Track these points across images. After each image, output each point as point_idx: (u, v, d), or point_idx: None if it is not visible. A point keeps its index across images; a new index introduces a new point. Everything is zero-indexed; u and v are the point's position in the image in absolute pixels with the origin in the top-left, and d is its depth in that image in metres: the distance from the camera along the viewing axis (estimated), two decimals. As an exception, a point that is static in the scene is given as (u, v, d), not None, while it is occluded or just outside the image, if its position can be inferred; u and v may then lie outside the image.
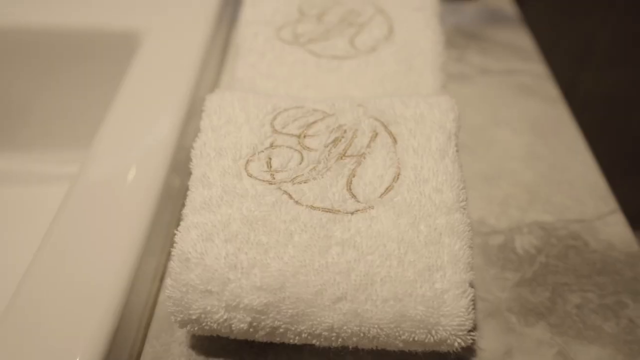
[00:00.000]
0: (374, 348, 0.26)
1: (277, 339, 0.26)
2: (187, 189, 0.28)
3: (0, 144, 0.47)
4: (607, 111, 0.74)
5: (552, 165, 0.38)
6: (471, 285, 0.25)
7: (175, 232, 0.26)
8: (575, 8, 0.63)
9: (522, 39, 0.50)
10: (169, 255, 0.32)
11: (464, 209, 0.26)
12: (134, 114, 0.36)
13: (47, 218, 0.33)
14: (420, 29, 0.38)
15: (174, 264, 0.25)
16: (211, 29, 0.44)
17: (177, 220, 0.34)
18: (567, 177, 0.37)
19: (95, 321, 0.25)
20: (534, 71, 0.46)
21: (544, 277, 0.31)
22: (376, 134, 0.29)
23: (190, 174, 0.28)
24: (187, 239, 0.25)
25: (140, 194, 0.31)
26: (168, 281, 0.25)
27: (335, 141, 0.29)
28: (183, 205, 0.28)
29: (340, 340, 0.25)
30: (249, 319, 0.24)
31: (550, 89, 0.44)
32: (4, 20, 0.43)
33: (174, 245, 0.25)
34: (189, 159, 0.29)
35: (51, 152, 0.46)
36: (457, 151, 0.29)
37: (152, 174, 0.32)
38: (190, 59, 0.40)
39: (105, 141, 0.34)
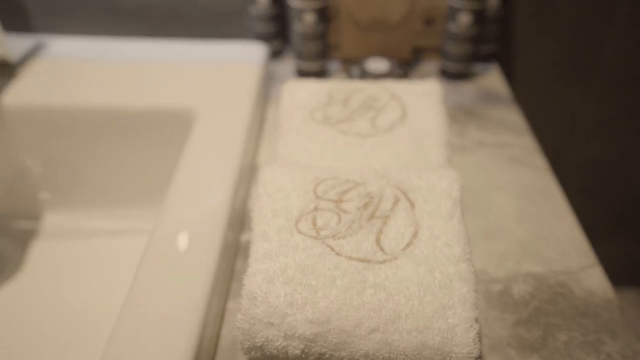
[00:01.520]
0: (400, 372, 0.32)
1: (323, 364, 0.32)
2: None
3: (85, 204, 0.55)
4: (591, 177, 0.82)
5: (541, 225, 0.45)
6: (476, 321, 0.32)
7: (244, 276, 0.33)
8: (559, 86, 0.73)
9: (514, 116, 0.58)
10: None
11: (469, 260, 0.33)
12: (194, 179, 0.44)
13: (126, 265, 0.40)
14: (427, 113, 0.46)
15: (243, 301, 0.32)
16: (252, 107, 0.53)
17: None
18: (554, 235, 0.44)
19: (179, 353, 0.31)
20: (524, 144, 0.54)
21: (537, 318, 0.38)
22: (397, 200, 0.36)
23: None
24: (253, 282, 0.32)
25: (205, 246, 0.38)
26: (238, 315, 0.32)
27: (365, 205, 0.36)
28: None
29: (373, 365, 0.31)
30: (301, 346, 0.31)
31: (538, 160, 0.52)
32: (89, 102, 0.52)
33: (243, 286, 0.32)
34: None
35: (126, 210, 0.54)
36: (462, 213, 0.36)
37: (214, 230, 0.39)
38: (237, 133, 0.49)
39: (173, 202, 0.41)
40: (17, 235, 0.55)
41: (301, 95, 0.48)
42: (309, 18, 0.58)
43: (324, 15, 0.59)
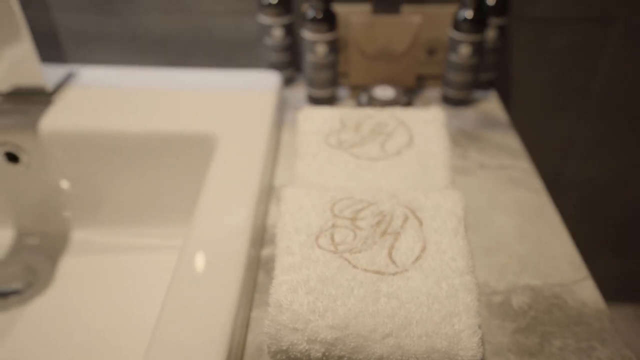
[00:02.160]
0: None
1: (341, 366, 0.35)
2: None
3: (113, 222, 0.58)
4: (586, 196, 0.86)
5: (538, 242, 0.49)
6: (480, 328, 0.35)
7: (270, 287, 0.36)
8: (554, 111, 0.77)
9: (512, 140, 0.63)
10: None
11: (473, 272, 0.37)
12: (219, 199, 0.47)
13: (151, 279, 0.44)
14: (432, 138, 0.50)
15: (270, 309, 0.35)
16: (269, 131, 0.57)
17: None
18: (550, 251, 0.48)
19: (212, 359, 0.35)
20: (522, 167, 0.58)
21: (535, 326, 0.41)
22: (407, 218, 0.40)
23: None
24: (280, 291, 0.36)
25: (232, 261, 0.41)
26: (266, 322, 0.35)
27: (378, 223, 0.40)
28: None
29: (387, 367, 0.35)
30: (323, 350, 0.34)
31: (534, 181, 0.56)
32: (118, 127, 0.56)
33: (270, 295, 0.36)
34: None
35: (152, 228, 0.58)
36: (465, 230, 0.40)
37: (238, 245, 0.43)
38: (256, 156, 0.53)
39: (201, 220, 0.45)
40: (48, 251, 0.59)
41: (316, 121, 0.52)
42: (321, 49, 0.63)
43: (335, 46, 0.63)
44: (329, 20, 0.61)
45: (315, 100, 0.68)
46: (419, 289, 0.36)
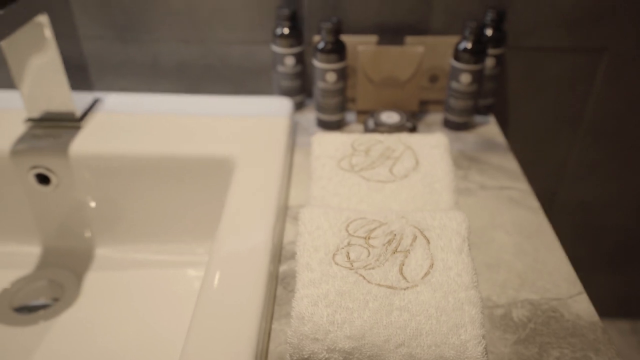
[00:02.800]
0: (421, 381, 0.39)
1: (357, 374, 0.39)
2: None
3: (135, 239, 0.62)
4: (579, 217, 0.90)
5: (536, 259, 0.52)
6: (484, 338, 0.39)
7: (292, 300, 0.40)
8: (549, 135, 0.82)
9: (510, 163, 0.67)
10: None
11: (477, 287, 0.41)
12: (239, 218, 0.51)
13: (173, 292, 0.47)
14: (437, 162, 0.54)
15: (293, 321, 0.39)
16: (284, 153, 0.61)
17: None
18: (547, 267, 0.51)
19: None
20: (520, 188, 0.62)
21: (534, 337, 0.44)
22: (415, 237, 0.44)
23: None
24: (301, 304, 0.39)
25: (254, 276, 0.45)
26: (289, 332, 0.39)
27: (389, 241, 0.44)
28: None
29: (400, 374, 0.38)
30: (341, 358, 0.38)
31: (532, 202, 0.60)
32: (141, 150, 0.60)
33: (292, 308, 0.39)
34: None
35: (173, 245, 0.61)
36: (469, 248, 0.44)
37: (260, 262, 0.46)
38: (273, 177, 0.56)
39: (224, 238, 0.49)
40: (73, 267, 0.62)
41: (329, 146, 0.56)
42: (331, 77, 0.67)
43: (343, 74, 0.68)
44: (338, 50, 0.66)
45: (324, 124, 0.72)
46: (428, 302, 0.39)
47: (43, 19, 0.55)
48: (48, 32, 0.55)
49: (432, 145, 0.56)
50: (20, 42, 0.56)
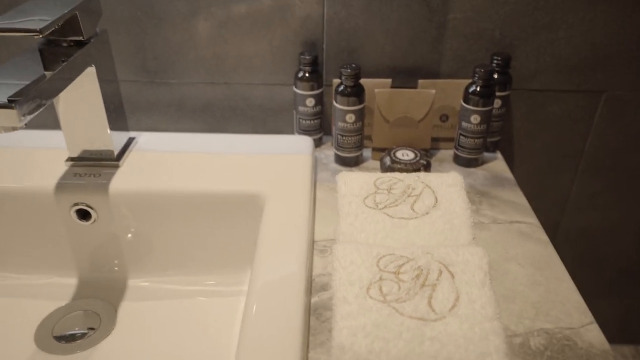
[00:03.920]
0: (452, 406, 0.42)
1: (393, 400, 0.42)
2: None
3: (169, 271, 0.65)
4: (581, 245, 0.95)
5: (548, 289, 0.56)
6: (508, 365, 0.42)
7: (333, 331, 0.44)
8: (552, 170, 0.87)
9: (518, 197, 0.71)
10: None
11: (499, 318, 0.45)
12: (273, 253, 0.55)
13: (213, 321, 0.51)
14: (455, 199, 0.59)
15: (334, 350, 0.42)
16: (309, 189, 0.65)
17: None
18: (558, 298, 0.55)
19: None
20: (529, 222, 0.66)
21: (550, 364, 0.48)
22: (441, 272, 0.48)
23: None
24: (341, 335, 0.43)
25: (292, 307, 0.48)
26: (331, 361, 0.42)
27: (417, 276, 0.48)
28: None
29: (432, 399, 0.42)
30: (379, 385, 0.41)
31: (541, 235, 0.64)
32: (176, 187, 0.64)
33: (332, 339, 0.43)
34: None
35: (207, 276, 0.65)
36: (490, 282, 0.48)
37: (296, 293, 0.50)
38: (301, 211, 0.60)
39: (260, 272, 0.52)
40: (108, 298, 0.66)
41: (354, 185, 0.60)
42: (350, 117, 0.72)
43: (362, 115, 0.73)
44: (357, 93, 0.71)
45: (342, 160, 0.76)
46: (456, 333, 0.43)
47: (91, 70, 0.59)
48: (95, 81, 0.60)
49: (448, 184, 0.61)
50: (69, 89, 0.61)
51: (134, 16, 0.73)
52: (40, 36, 0.50)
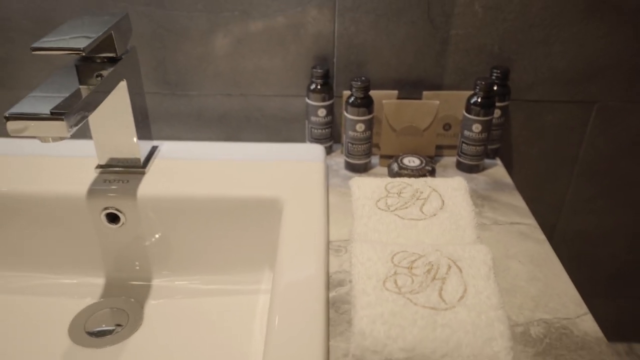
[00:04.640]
0: (462, 386, 0.47)
1: (409, 381, 0.47)
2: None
3: (198, 271, 0.70)
4: (577, 247, 1.00)
5: (546, 284, 0.61)
6: (512, 349, 0.47)
7: (353, 320, 0.48)
8: (549, 175, 0.92)
9: (518, 201, 0.76)
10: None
11: (503, 308, 0.49)
12: (294, 253, 0.59)
13: (235, 317, 0.55)
14: (460, 202, 0.64)
15: (355, 337, 0.47)
16: (324, 194, 0.70)
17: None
18: (556, 292, 0.60)
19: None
20: (528, 223, 0.71)
21: (549, 351, 0.53)
22: (450, 267, 0.53)
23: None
24: (362, 323, 0.47)
25: (315, 302, 0.53)
26: (352, 346, 0.47)
27: (428, 271, 0.52)
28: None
29: (445, 380, 0.46)
30: (397, 367, 0.46)
31: (539, 235, 0.69)
32: (199, 192, 0.68)
33: (353, 326, 0.47)
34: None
35: (229, 276, 0.69)
36: (494, 276, 0.52)
37: (317, 288, 0.54)
38: (318, 215, 0.65)
39: (283, 270, 0.57)
40: (136, 296, 0.70)
41: (366, 189, 0.65)
42: (360, 127, 0.77)
43: (371, 124, 0.78)
44: (367, 104, 0.76)
45: (352, 167, 0.81)
46: (464, 320, 0.48)
47: (123, 84, 0.64)
48: (126, 94, 0.65)
49: (454, 188, 0.66)
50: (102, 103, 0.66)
51: (156, 32, 0.78)
52: (83, 54, 0.55)
